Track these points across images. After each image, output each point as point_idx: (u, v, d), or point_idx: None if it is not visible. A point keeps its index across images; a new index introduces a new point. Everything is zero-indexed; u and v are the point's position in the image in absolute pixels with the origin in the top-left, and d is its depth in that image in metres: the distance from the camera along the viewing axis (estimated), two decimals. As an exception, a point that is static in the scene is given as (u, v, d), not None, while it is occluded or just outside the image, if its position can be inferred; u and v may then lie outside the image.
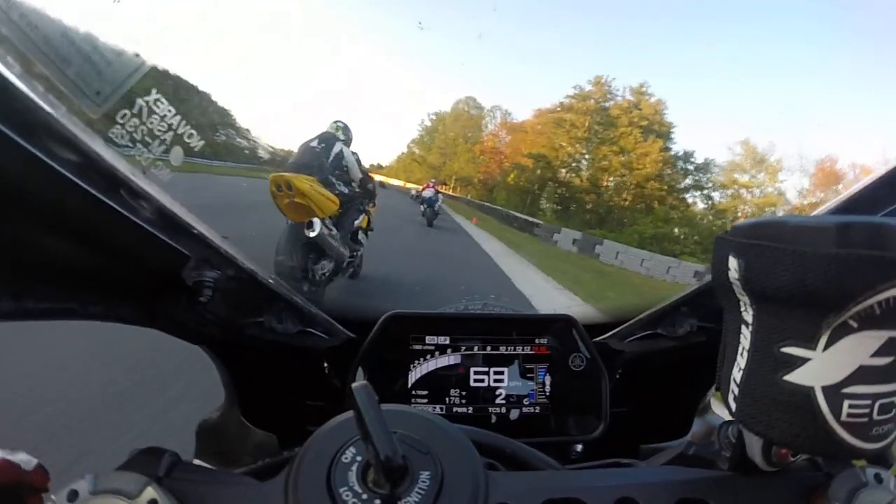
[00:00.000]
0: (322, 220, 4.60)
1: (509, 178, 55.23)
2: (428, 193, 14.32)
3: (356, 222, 5.55)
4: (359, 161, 5.44)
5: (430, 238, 12.51)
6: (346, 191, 5.20)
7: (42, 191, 0.34)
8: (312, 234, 4.35)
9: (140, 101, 0.50)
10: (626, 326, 0.87)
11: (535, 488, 0.43)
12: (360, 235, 5.81)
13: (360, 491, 0.38)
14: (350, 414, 0.38)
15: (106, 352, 2.57)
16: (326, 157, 5.13)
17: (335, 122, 5.55)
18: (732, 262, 0.35)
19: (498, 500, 0.41)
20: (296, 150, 5.49)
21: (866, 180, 0.58)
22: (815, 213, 0.64)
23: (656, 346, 0.84)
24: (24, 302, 0.39)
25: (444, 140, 67.33)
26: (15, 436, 1.90)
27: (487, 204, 41.96)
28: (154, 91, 0.51)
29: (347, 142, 5.45)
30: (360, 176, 5.43)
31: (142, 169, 0.47)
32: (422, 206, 14.37)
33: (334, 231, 4.86)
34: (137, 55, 0.45)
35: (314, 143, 5.20)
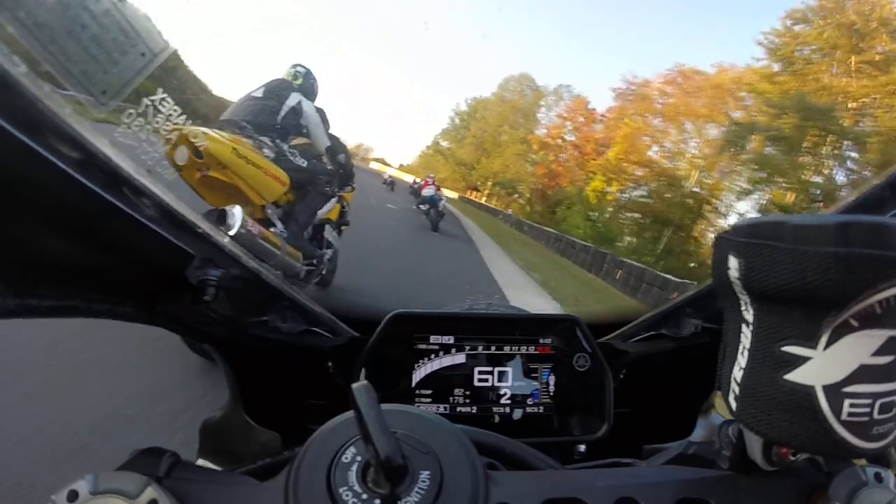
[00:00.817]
0: (263, 209, 3.10)
1: (594, 184, 31.23)
2: (428, 192, 11.84)
3: (321, 213, 3.82)
4: (325, 121, 3.76)
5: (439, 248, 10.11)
6: (305, 163, 3.50)
7: (47, 189, 0.34)
8: (229, 234, 2.07)
9: (146, 101, 0.50)
10: (631, 327, 0.87)
11: (535, 488, 0.43)
12: (329, 233, 4.07)
13: (360, 491, 0.38)
14: (351, 414, 0.38)
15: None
16: (274, 113, 3.44)
17: (294, 65, 3.83)
18: (732, 262, 0.35)
19: (498, 499, 0.41)
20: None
21: (873, 182, 0.58)
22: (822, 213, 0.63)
23: (660, 346, 0.84)
24: (28, 299, 0.40)
25: (480, 129, 47.05)
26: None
27: (553, 231, 22.83)
28: (160, 90, 0.51)
29: (310, 94, 3.78)
30: (326, 143, 3.73)
31: (146, 167, 0.47)
32: (423, 207, 11.90)
33: (279, 226, 3.25)
34: (143, 54, 0.46)
35: (258, 94, 3.53)
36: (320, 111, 3.72)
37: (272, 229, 3.11)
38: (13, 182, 0.32)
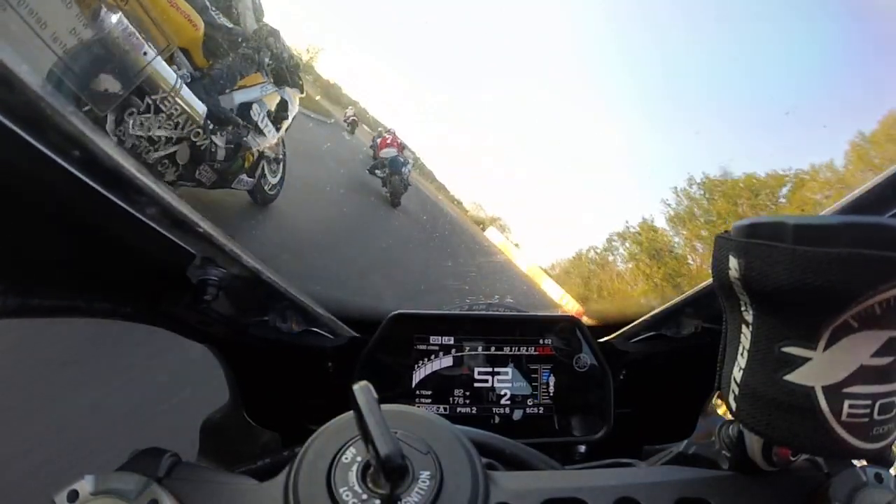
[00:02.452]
0: (170, 56, 2.50)
1: None
2: (389, 153, 8.28)
3: (252, 94, 3.45)
4: (259, 7, 3.54)
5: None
6: (230, 25, 3.23)
7: (49, 188, 0.34)
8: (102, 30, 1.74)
9: (147, 100, 0.50)
10: (631, 327, 0.87)
11: (535, 488, 0.43)
12: (259, 115, 3.56)
13: (360, 491, 0.38)
14: (351, 414, 0.38)
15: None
16: None
17: None
18: (732, 262, 0.35)
19: (498, 499, 0.41)
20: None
21: (873, 181, 0.58)
22: (822, 213, 0.63)
23: (661, 347, 0.84)
24: (30, 299, 0.40)
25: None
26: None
27: None
28: (161, 90, 0.52)
29: None
30: (254, 26, 3.48)
31: (148, 166, 0.48)
32: (379, 172, 8.25)
33: (183, 72, 2.71)
34: (145, 53, 0.46)
35: None
36: None
37: (172, 68, 2.41)
38: (15, 181, 0.32)
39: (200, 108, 2.73)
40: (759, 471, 0.44)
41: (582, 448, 0.84)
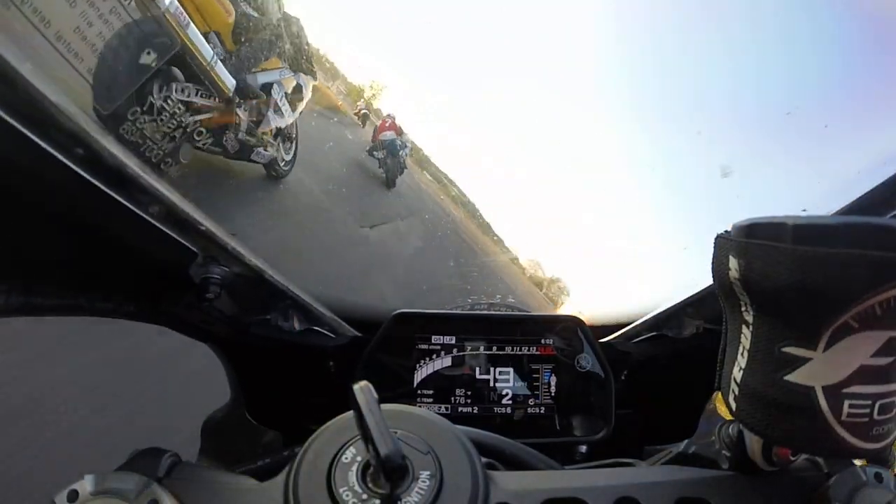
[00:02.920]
0: (205, 36, 2.91)
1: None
2: (387, 136, 7.81)
3: (274, 75, 3.88)
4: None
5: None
6: (255, 14, 3.60)
7: (52, 187, 0.35)
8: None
9: (151, 99, 0.50)
10: (632, 328, 0.87)
11: (535, 488, 0.43)
12: (279, 94, 3.95)
13: (360, 491, 0.38)
14: (351, 414, 0.38)
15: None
16: None
17: None
18: (732, 262, 0.35)
19: (498, 500, 0.41)
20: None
21: (873, 182, 0.58)
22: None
23: (662, 347, 0.84)
24: (32, 298, 0.40)
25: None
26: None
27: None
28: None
29: None
30: (278, 15, 3.85)
31: (151, 165, 0.48)
32: (377, 154, 7.62)
33: (219, 52, 3.15)
34: (148, 52, 0.46)
35: None
36: None
37: (208, 45, 2.95)
38: (18, 179, 0.32)
39: (230, 82, 3.24)
40: (759, 471, 0.44)
41: (583, 448, 0.84)
